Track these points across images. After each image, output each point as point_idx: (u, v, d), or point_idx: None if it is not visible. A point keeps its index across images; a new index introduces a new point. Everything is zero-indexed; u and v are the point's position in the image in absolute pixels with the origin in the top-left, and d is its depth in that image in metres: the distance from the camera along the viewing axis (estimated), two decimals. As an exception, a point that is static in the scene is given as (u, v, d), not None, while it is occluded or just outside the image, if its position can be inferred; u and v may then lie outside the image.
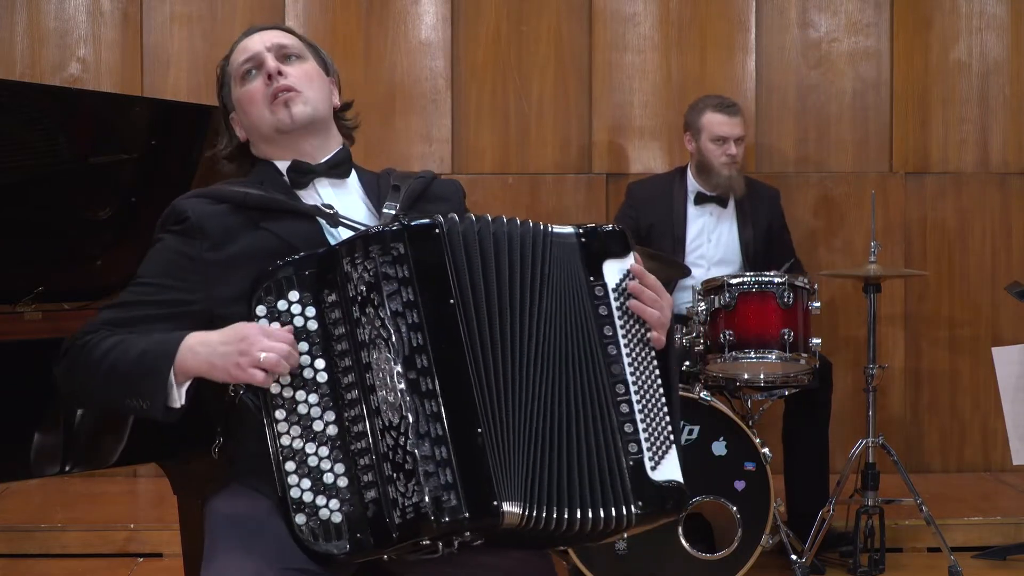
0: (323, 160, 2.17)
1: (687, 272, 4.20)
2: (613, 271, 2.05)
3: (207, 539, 2.01)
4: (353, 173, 2.22)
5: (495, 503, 1.85)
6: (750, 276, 3.91)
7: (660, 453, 2.00)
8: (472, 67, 5.12)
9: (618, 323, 2.03)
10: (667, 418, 2.03)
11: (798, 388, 4.03)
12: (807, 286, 3.91)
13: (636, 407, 2.00)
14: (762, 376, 3.95)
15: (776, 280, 3.86)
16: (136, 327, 2.01)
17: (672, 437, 2.03)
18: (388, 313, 1.87)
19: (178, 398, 1.95)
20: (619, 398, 1.99)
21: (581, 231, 2.05)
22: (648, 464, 1.98)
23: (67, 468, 2.43)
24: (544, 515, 1.91)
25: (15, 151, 2.68)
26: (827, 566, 4.05)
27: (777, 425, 4.31)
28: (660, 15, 5.15)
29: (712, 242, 4.40)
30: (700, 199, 4.40)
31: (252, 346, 1.88)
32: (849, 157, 5.19)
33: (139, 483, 4.95)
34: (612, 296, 2.04)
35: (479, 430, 1.87)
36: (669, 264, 4.07)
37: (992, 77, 5.19)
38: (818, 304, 3.91)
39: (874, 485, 3.97)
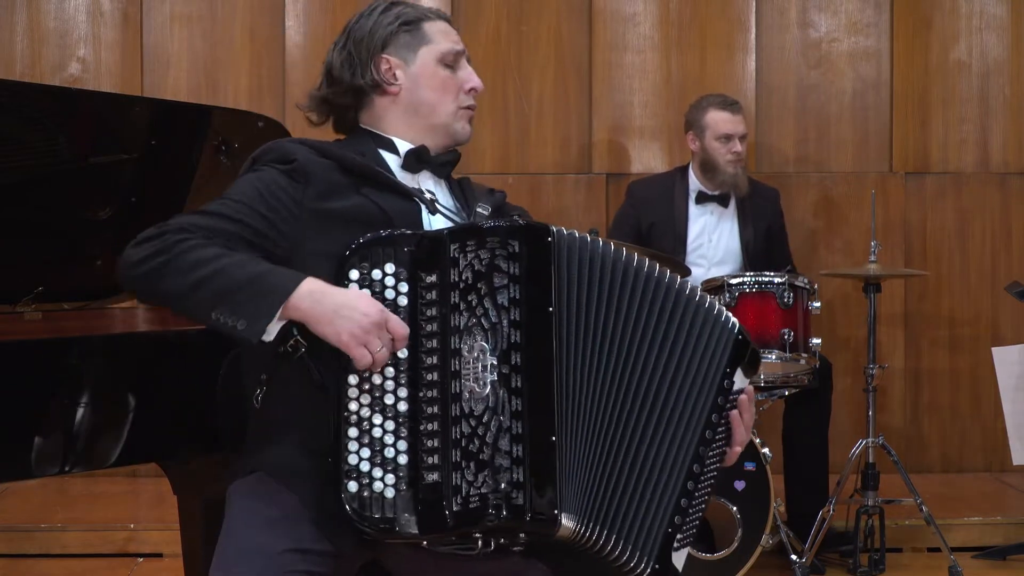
0: (439, 155, 2.24)
1: (687, 272, 4.19)
2: (740, 379, 2.10)
3: (227, 517, 1.99)
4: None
5: (556, 512, 1.87)
6: (750, 276, 3.91)
7: (683, 541, 2.08)
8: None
9: (722, 420, 2.08)
10: (696, 521, 2.10)
11: (798, 388, 4.03)
12: (807, 286, 3.91)
13: (696, 491, 2.06)
14: (762, 376, 3.95)
15: (776, 280, 3.86)
16: (226, 242, 1.94)
17: (691, 538, 2.10)
18: (494, 305, 1.89)
19: (271, 332, 1.90)
20: (691, 474, 2.04)
21: (741, 330, 2.10)
22: (675, 542, 2.05)
23: (67, 468, 2.42)
24: (592, 536, 1.93)
25: (15, 151, 2.67)
26: (827, 566, 4.05)
27: (777, 425, 4.30)
28: (660, 15, 5.15)
29: (713, 242, 4.40)
30: (701, 198, 4.39)
31: (376, 327, 1.86)
32: (849, 157, 5.19)
33: (139, 483, 4.95)
34: (732, 396, 2.09)
35: (553, 438, 1.88)
36: (670, 264, 4.06)
37: (992, 77, 5.19)
38: (818, 304, 3.92)
39: (874, 485, 3.97)
